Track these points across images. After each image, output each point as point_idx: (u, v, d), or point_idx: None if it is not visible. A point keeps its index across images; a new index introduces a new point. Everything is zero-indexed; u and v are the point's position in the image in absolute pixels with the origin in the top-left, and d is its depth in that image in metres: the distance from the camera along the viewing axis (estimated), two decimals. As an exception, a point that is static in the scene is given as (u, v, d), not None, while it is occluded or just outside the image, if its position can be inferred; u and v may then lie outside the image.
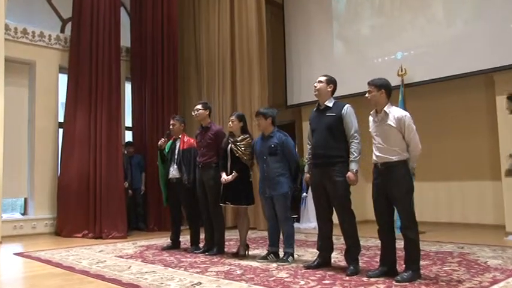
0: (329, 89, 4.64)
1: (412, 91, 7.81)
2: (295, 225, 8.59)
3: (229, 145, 5.48)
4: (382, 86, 4.23)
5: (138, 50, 9.43)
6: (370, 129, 4.33)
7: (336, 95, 4.78)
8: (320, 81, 4.67)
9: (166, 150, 6.27)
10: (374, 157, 4.23)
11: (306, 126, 8.54)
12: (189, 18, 10.21)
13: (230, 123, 5.53)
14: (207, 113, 5.91)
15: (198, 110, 5.90)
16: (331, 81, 4.69)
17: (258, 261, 5.09)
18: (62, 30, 9.17)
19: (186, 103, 9.93)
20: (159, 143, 6.26)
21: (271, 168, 5.09)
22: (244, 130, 5.54)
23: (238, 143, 5.42)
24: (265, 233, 5.53)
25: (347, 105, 4.58)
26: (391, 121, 4.14)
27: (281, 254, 5.14)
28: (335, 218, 4.59)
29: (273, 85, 10.67)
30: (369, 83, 4.29)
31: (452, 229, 7.67)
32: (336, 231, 4.72)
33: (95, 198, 7.97)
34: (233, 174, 5.36)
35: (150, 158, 8.87)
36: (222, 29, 9.40)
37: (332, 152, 4.48)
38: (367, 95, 4.29)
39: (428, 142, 6.32)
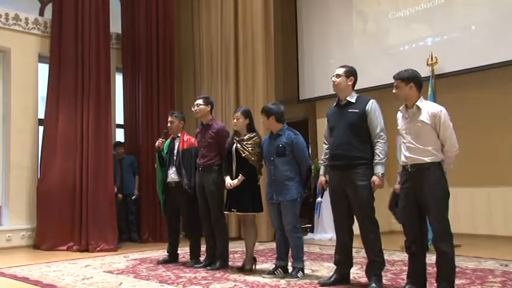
0: (349, 83, 4.66)
1: (444, 83, 7.75)
2: (308, 235, 8.67)
3: (234, 145, 5.50)
4: (410, 79, 4.22)
5: (131, 37, 9.44)
6: (398, 127, 4.33)
7: (356, 87, 4.78)
8: (338, 75, 4.68)
9: (165, 151, 6.30)
10: (403, 158, 4.21)
11: (321, 124, 8.52)
12: (188, 2, 10.22)
13: (235, 120, 5.54)
14: (209, 109, 5.93)
15: (198, 105, 5.92)
16: (351, 73, 4.70)
17: (264, 277, 5.11)
18: (41, 13, 9.14)
19: (184, 98, 9.95)
20: (157, 144, 6.27)
21: (278, 171, 5.11)
22: (250, 128, 5.55)
23: (244, 142, 5.42)
24: (274, 245, 5.54)
25: (372, 101, 4.60)
26: (424, 117, 4.12)
27: (290, 268, 5.16)
28: (355, 228, 4.61)
29: (283, 77, 10.66)
30: (394, 77, 4.28)
31: (493, 243, 7.58)
32: (356, 243, 4.72)
33: (81, 205, 7.95)
34: (239, 177, 5.37)
35: (145, 160, 8.90)
36: (225, 14, 9.36)
37: (354, 152, 4.49)
38: (394, 90, 4.29)
39: (463, 141, 6.24)
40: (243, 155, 5.38)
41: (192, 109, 6.02)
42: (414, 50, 8.29)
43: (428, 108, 4.16)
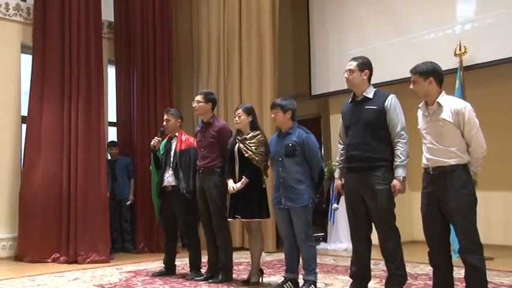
0: (364, 77, 4.66)
1: (473, 75, 7.70)
2: (322, 245, 8.67)
3: (237, 145, 5.53)
4: (429, 73, 4.21)
5: (125, 25, 9.44)
6: (419, 126, 4.34)
7: (375, 81, 4.79)
8: (351, 70, 4.68)
9: (161, 152, 6.33)
10: (424, 160, 4.22)
11: (335, 122, 8.52)
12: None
13: (236, 118, 5.58)
14: (209, 106, 5.96)
15: (198, 102, 5.95)
16: (365, 65, 4.69)
17: (272, 291, 5.13)
18: (24, -3, 9.15)
19: (182, 93, 9.95)
20: (152, 143, 6.29)
21: (288, 173, 5.12)
22: (254, 126, 5.59)
23: (247, 142, 5.46)
24: (282, 255, 5.55)
25: (391, 96, 4.60)
26: (446, 114, 4.11)
27: (301, 282, 5.16)
28: (374, 237, 4.61)
29: (293, 71, 10.66)
30: (411, 71, 4.27)
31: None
32: (374, 254, 4.72)
33: (69, 212, 7.94)
34: (243, 180, 5.40)
35: (140, 162, 8.90)
36: (228, 0, 9.39)
37: (372, 153, 4.50)
38: (411, 86, 4.29)
39: (495, 140, 6.24)
40: (246, 155, 5.40)
41: (193, 105, 6.05)
42: (440, 39, 8.20)
43: (450, 104, 4.15)
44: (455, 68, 7.35)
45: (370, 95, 4.63)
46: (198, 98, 5.98)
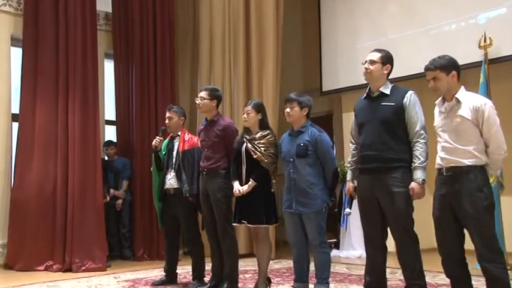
0: (385, 71, 4.67)
1: (500, 69, 7.64)
2: (334, 252, 8.64)
3: (244, 144, 5.52)
4: (451, 67, 4.22)
5: (123, 16, 9.44)
6: (435, 124, 4.33)
7: (391, 76, 4.76)
8: (372, 62, 4.67)
9: (163, 152, 6.33)
10: (438, 160, 4.23)
11: (348, 120, 8.49)
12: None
13: (245, 115, 5.56)
14: (214, 104, 5.94)
15: (202, 98, 5.92)
16: (388, 60, 4.71)
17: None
18: (14, -13, 9.13)
19: (181, 88, 9.95)
20: (153, 143, 6.29)
21: (299, 175, 5.11)
22: (263, 124, 5.58)
23: (256, 142, 5.44)
24: (284, 262, 5.54)
25: (410, 92, 4.59)
26: (464, 111, 4.12)
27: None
28: (390, 244, 4.59)
29: (303, 65, 10.65)
30: (430, 68, 4.26)
31: None
32: (391, 262, 4.70)
33: (63, 217, 7.95)
34: (250, 183, 5.38)
35: (139, 163, 8.91)
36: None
37: (389, 153, 4.49)
38: (431, 84, 4.26)
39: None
40: (255, 157, 5.39)
41: (196, 102, 6.03)
42: (463, 30, 8.13)
43: (470, 101, 4.14)
44: (480, 61, 7.29)
45: (387, 91, 4.62)
46: (202, 94, 5.95)
